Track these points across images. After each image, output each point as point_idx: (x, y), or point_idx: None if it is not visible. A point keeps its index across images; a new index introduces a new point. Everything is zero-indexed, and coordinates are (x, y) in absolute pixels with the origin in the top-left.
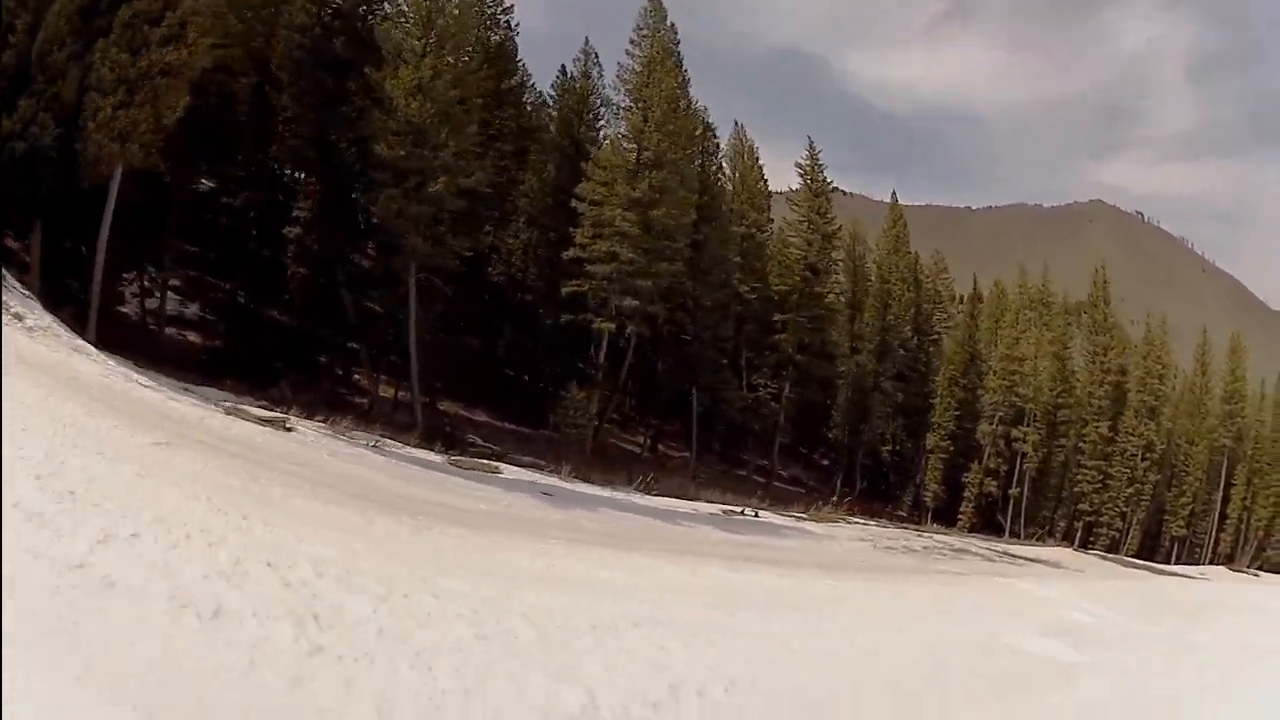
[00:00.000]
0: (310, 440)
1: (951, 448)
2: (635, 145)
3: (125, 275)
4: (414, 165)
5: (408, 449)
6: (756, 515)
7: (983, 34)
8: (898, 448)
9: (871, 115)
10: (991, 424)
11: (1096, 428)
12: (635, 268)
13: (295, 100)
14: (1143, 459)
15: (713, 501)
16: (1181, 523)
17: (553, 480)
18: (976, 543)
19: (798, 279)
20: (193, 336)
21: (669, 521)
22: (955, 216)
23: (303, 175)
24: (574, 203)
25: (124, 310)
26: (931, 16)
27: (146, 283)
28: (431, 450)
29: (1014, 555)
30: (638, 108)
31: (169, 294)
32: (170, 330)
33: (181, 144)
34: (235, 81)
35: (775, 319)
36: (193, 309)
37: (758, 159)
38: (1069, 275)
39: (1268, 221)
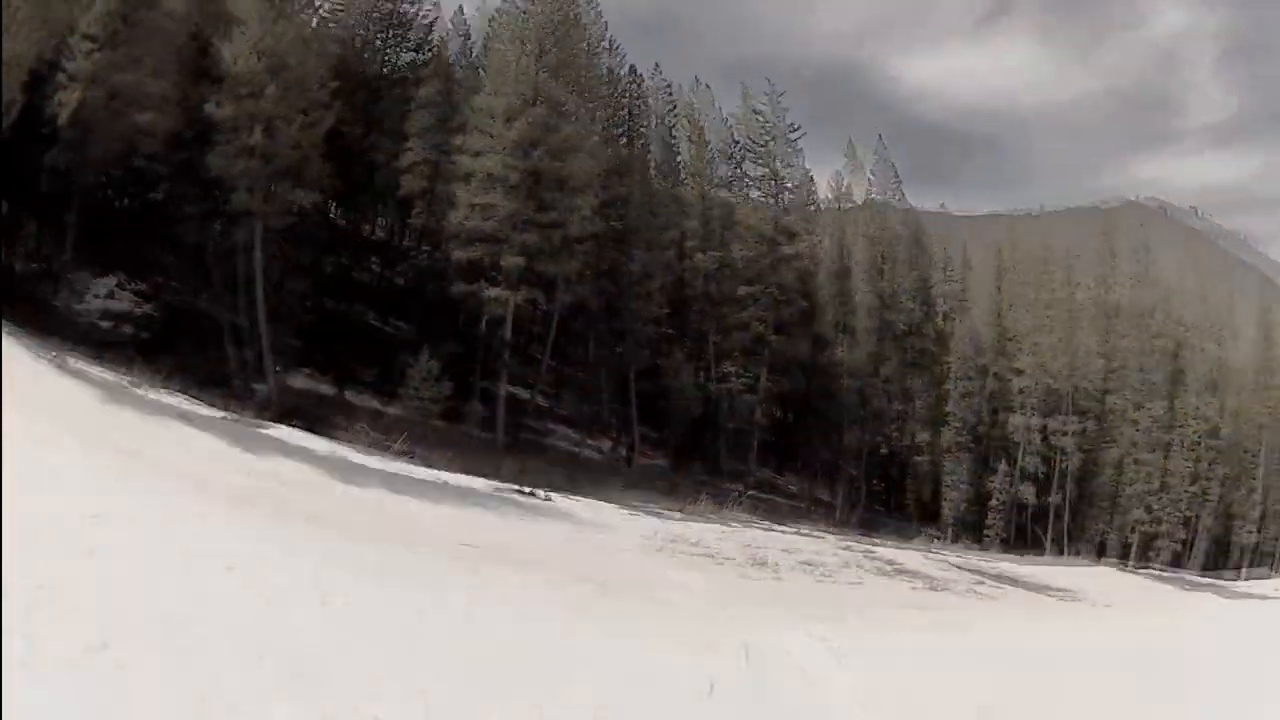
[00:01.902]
0: None
1: (973, 445)
2: (516, 83)
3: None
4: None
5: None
6: (548, 498)
7: (1023, 31)
8: (910, 446)
9: (917, 122)
10: (1024, 414)
11: (1149, 411)
12: (518, 220)
13: None
14: (1206, 448)
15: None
16: (1252, 527)
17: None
18: (974, 560)
19: (763, 243)
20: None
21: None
22: (1017, 223)
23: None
24: (454, 157)
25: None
26: (975, 17)
27: None
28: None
29: (1007, 579)
30: (523, 47)
31: None
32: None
33: None
34: None
35: (740, 291)
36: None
37: (725, 118)
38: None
39: None
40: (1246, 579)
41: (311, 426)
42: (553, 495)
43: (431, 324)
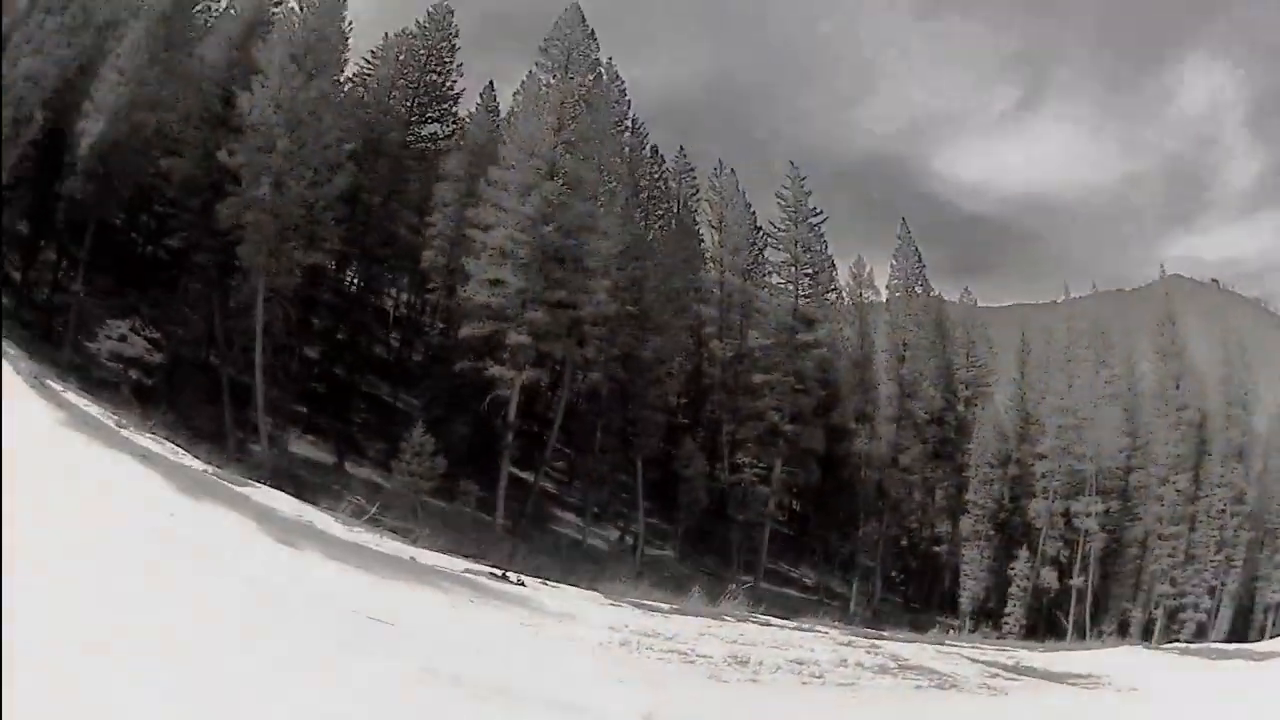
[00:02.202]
0: None
1: (994, 533)
2: (531, 157)
3: None
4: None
5: None
6: (520, 582)
7: (1054, 119)
8: (930, 537)
9: (949, 214)
10: (1046, 499)
11: (1174, 485)
12: (527, 297)
13: None
14: (1232, 515)
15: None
16: (1278, 586)
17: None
18: (990, 652)
19: (782, 331)
20: None
21: None
22: (1039, 313)
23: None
24: (468, 231)
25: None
26: (1004, 107)
27: None
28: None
29: (1024, 669)
30: (541, 120)
31: None
32: None
33: None
34: None
35: (756, 379)
36: None
37: (748, 204)
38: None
39: None
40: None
41: (299, 492)
42: (527, 580)
43: (440, 401)
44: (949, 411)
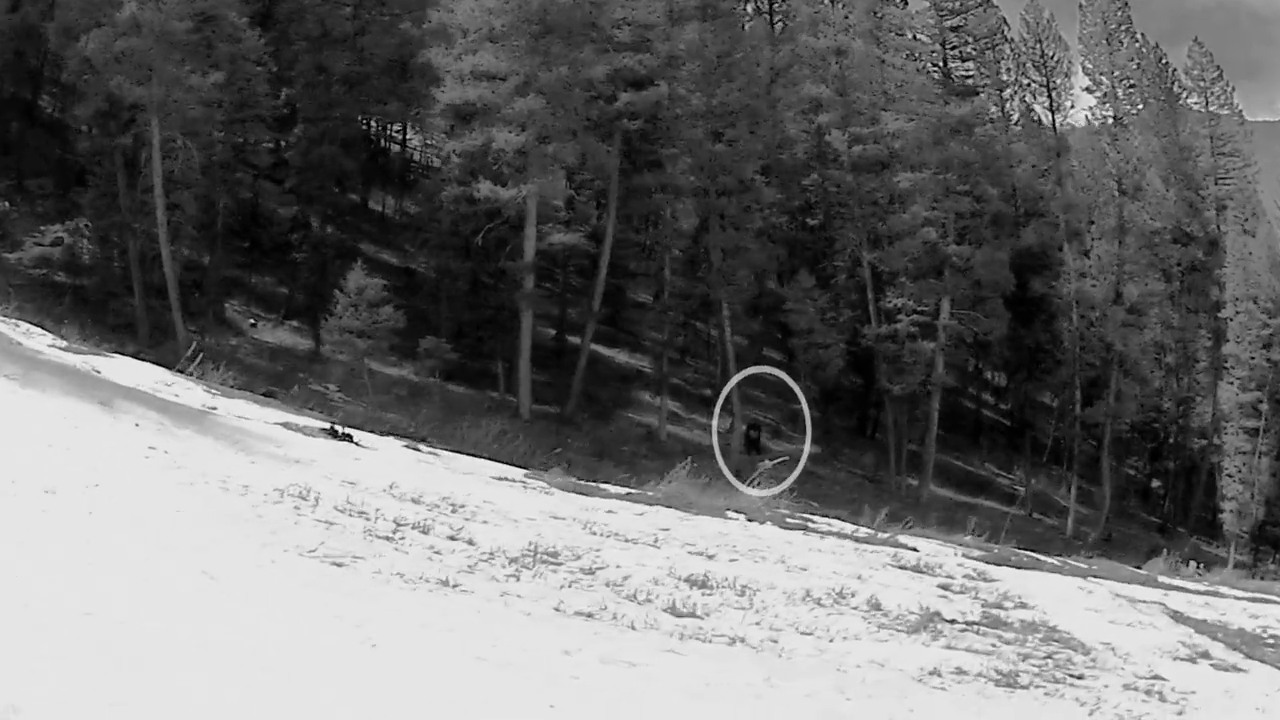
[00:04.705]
0: None
1: (1269, 409)
2: None
3: None
4: None
5: None
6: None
7: None
8: (1178, 417)
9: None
10: None
11: None
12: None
13: None
14: None
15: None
16: None
17: None
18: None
19: (926, 105)
20: None
21: None
22: None
23: None
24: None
25: None
26: None
27: None
28: None
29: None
30: None
31: None
32: None
33: None
34: None
35: (902, 183)
36: None
37: None
38: None
39: None
40: None
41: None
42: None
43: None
44: (1192, 220)
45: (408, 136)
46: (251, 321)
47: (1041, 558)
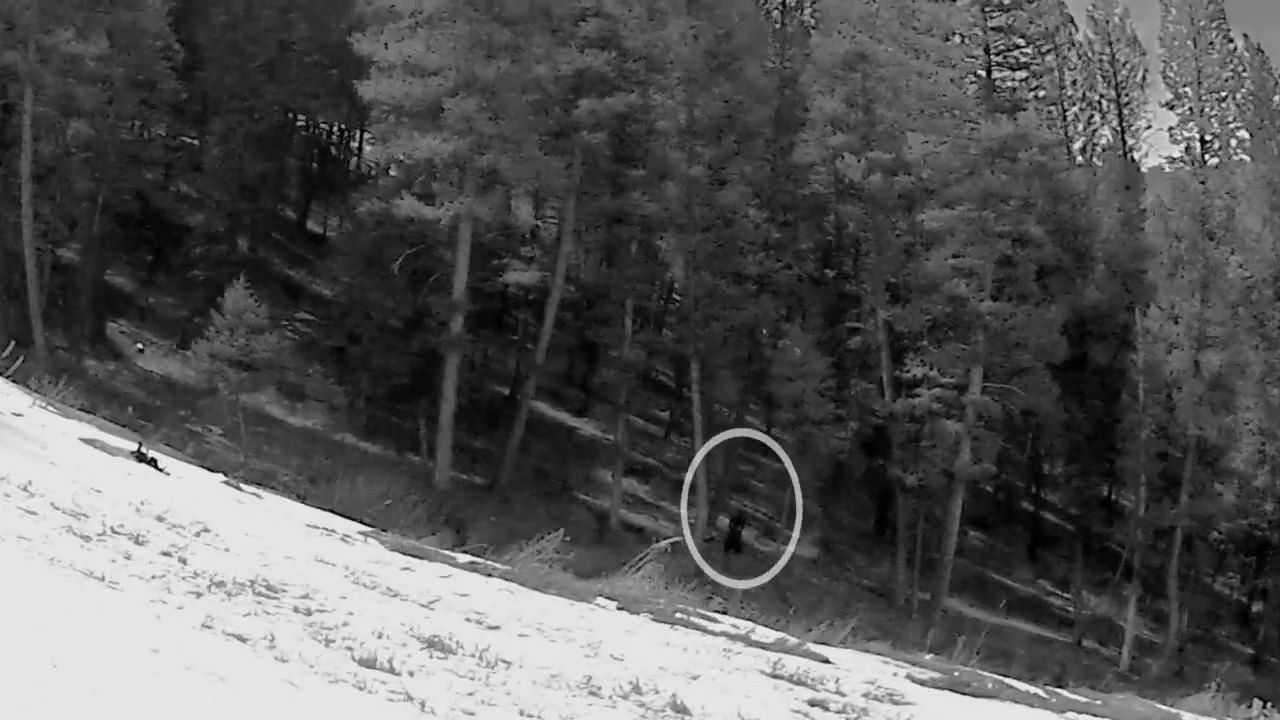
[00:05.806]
0: None
1: None
2: None
3: None
4: None
5: None
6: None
7: None
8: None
9: None
10: None
11: None
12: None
13: None
14: None
15: None
16: None
17: None
18: None
19: (962, 123)
20: None
21: None
22: None
23: None
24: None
25: None
26: None
27: None
28: None
29: None
30: None
31: None
32: None
33: None
34: None
35: (929, 223)
36: None
37: None
38: None
39: None
40: None
41: None
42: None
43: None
44: None
45: (362, 146)
46: (139, 347)
47: (1019, 685)
